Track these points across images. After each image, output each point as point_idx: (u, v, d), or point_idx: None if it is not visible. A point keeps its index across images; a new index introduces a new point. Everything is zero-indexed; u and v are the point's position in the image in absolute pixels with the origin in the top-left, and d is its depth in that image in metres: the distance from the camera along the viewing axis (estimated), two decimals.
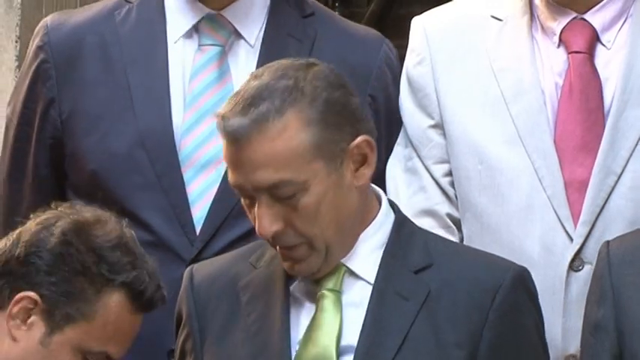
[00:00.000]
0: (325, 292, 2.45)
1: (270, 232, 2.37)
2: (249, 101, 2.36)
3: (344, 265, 2.46)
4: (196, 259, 2.69)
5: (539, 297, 2.52)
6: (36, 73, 2.79)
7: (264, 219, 2.37)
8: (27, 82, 2.84)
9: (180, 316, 2.54)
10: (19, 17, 3.63)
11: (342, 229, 2.44)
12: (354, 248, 2.47)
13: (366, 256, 2.48)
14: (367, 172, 2.44)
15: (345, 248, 2.46)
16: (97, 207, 2.62)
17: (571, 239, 2.63)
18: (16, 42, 3.40)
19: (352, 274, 2.45)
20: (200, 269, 2.56)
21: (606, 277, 2.52)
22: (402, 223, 2.51)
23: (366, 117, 2.52)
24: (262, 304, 2.52)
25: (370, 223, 2.47)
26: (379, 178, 2.76)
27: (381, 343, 2.46)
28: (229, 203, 2.73)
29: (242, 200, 2.46)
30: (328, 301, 2.46)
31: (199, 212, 2.76)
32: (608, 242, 2.50)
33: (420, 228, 2.56)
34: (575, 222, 2.64)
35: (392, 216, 2.51)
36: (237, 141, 2.38)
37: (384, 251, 2.48)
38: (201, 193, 2.77)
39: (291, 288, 2.48)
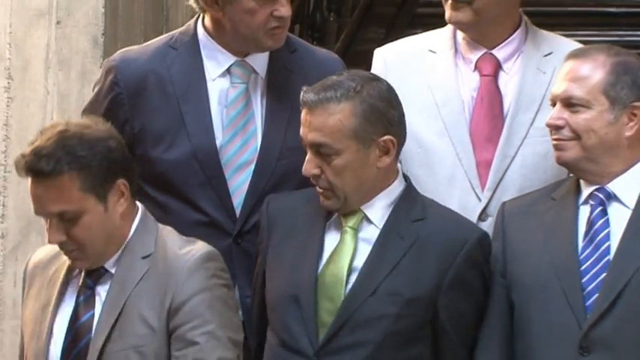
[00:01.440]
0: (347, 228, 2.85)
1: (310, 173, 2.82)
2: (325, 88, 2.82)
3: (363, 212, 2.85)
4: (238, 234, 3.07)
5: None
6: (112, 102, 3.07)
7: (308, 164, 2.82)
8: (104, 106, 3.09)
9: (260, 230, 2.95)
10: (102, 50, 3.72)
11: (357, 188, 2.83)
12: (372, 201, 2.85)
13: (380, 209, 2.87)
14: (387, 159, 2.83)
15: (363, 200, 2.85)
16: (165, 197, 3.06)
17: (480, 200, 3.05)
18: (100, 68, 3.35)
19: (367, 219, 2.86)
20: (273, 199, 2.97)
21: (499, 224, 2.91)
22: (409, 190, 2.90)
23: (401, 126, 2.86)
24: (308, 230, 2.91)
25: (387, 187, 2.86)
26: None
27: (377, 268, 2.83)
28: (258, 193, 3.09)
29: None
30: (348, 236, 2.85)
31: (237, 200, 3.10)
32: (504, 203, 2.94)
33: (421, 194, 2.92)
34: (483, 189, 3.06)
35: (403, 184, 2.89)
36: (307, 108, 2.81)
37: (393, 207, 2.87)
38: (237, 187, 3.11)
39: (328, 222, 2.89)
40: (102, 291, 2.80)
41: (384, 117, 2.83)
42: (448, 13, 3.08)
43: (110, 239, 2.79)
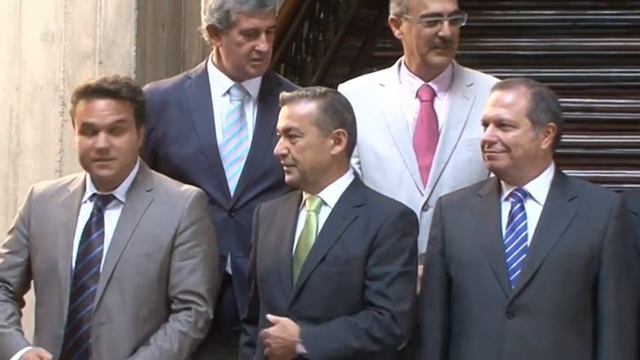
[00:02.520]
0: (310, 212, 2.85)
1: (279, 152, 2.82)
2: (300, 91, 2.87)
3: (320, 197, 2.84)
4: (232, 209, 3.07)
5: None
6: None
7: (279, 146, 2.83)
8: None
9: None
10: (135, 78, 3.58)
11: (313, 166, 2.82)
12: (328, 188, 2.83)
13: (333, 194, 2.84)
14: (339, 148, 2.82)
15: (318, 181, 2.82)
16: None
17: (422, 195, 3.06)
18: None
19: (324, 202, 2.85)
20: (262, 206, 2.94)
21: (438, 215, 2.93)
22: (356, 183, 2.89)
23: (352, 127, 2.84)
24: (285, 220, 2.88)
25: (339, 178, 2.85)
26: None
27: (325, 240, 2.83)
28: (247, 181, 3.10)
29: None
30: (311, 217, 2.85)
31: (232, 185, 3.11)
32: (440, 197, 2.96)
33: (365, 186, 2.92)
34: (424, 187, 3.07)
35: (352, 178, 2.88)
36: (284, 103, 2.84)
37: (342, 195, 2.85)
38: (232, 176, 3.12)
39: (298, 210, 2.87)
40: (111, 215, 2.85)
41: (341, 115, 2.84)
42: (436, 57, 3.06)
43: (128, 165, 2.87)
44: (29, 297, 2.96)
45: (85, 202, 2.86)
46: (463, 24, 3.06)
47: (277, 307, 2.80)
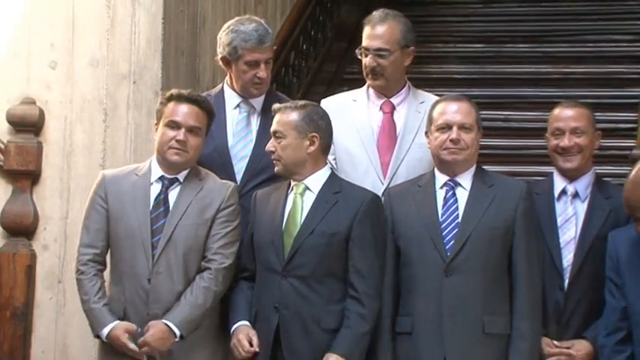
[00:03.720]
0: (297, 195, 2.84)
1: (269, 149, 2.82)
2: (288, 104, 2.90)
3: (305, 184, 2.83)
4: (238, 195, 2.97)
5: None
6: None
7: (269, 144, 2.84)
8: None
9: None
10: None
11: (292, 161, 2.81)
12: (310, 178, 2.83)
13: (315, 183, 2.84)
14: (312, 148, 2.80)
15: (299, 173, 2.82)
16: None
17: (382, 184, 3.05)
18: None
19: (307, 188, 2.84)
20: (257, 193, 2.91)
21: (387, 201, 2.90)
22: (332, 175, 2.88)
23: (326, 133, 2.82)
24: (276, 201, 2.87)
25: (318, 170, 2.85)
26: None
27: (313, 218, 2.81)
28: (250, 173, 3.08)
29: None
30: (297, 200, 2.84)
31: (239, 177, 3.09)
32: (388, 188, 2.96)
33: (340, 178, 2.89)
34: (384, 178, 3.06)
35: (330, 172, 2.87)
36: (275, 112, 2.85)
37: (323, 184, 2.84)
38: (239, 170, 3.10)
39: (287, 194, 2.86)
40: (173, 193, 2.88)
41: (315, 123, 2.84)
42: (370, 81, 3.08)
43: (192, 159, 2.93)
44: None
45: (152, 183, 2.88)
46: (385, 58, 3.02)
47: (273, 268, 2.79)
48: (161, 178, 2.88)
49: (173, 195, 2.87)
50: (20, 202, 3.62)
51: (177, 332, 2.74)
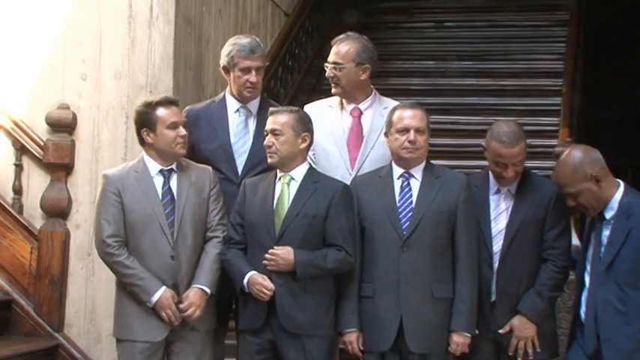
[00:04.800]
0: (284, 184, 2.79)
1: (267, 144, 2.76)
2: (283, 107, 2.86)
3: (290, 175, 2.78)
4: (238, 184, 2.93)
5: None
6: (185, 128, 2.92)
7: (267, 140, 2.77)
8: None
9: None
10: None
11: (287, 155, 2.77)
12: (294, 170, 2.78)
13: (299, 174, 2.79)
14: (304, 145, 2.76)
15: (289, 166, 2.77)
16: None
17: (350, 175, 2.97)
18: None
19: (293, 178, 2.79)
20: (248, 181, 2.84)
21: (354, 189, 2.82)
22: (312, 169, 2.82)
23: (312, 131, 2.78)
24: (265, 189, 2.81)
25: (301, 164, 2.80)
26: None
27: (298, 202, 2.76)
28: (249, 166, 3.02)
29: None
30: (285, 188, 2.78)
31: (240, 169, 3.03)
32: (354, 178, 2.85)
33: (318, 171, 2.83)
34: (352, 170, 2.99)
35: (309, 166, 2.81)
36: (271, 114, 2.80)
37: (304, 175, 2.79)
38: (240, 163, 3.04)
39: (275, 182, 2.80)
40: (172, 181, 2.84)
41: (307, 124, 2.81)
42: (333, 90, 3.04)
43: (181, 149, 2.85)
44: None
45: (153, 176, 2.84)
46: (340, 71, 2.97)
47: (264, 244, 2.74)
48: (161, 171, 2.84)
49: (174, 184, 2.84)
50: (57, 190, 3.68)
51: (209, 291, 2.77)
